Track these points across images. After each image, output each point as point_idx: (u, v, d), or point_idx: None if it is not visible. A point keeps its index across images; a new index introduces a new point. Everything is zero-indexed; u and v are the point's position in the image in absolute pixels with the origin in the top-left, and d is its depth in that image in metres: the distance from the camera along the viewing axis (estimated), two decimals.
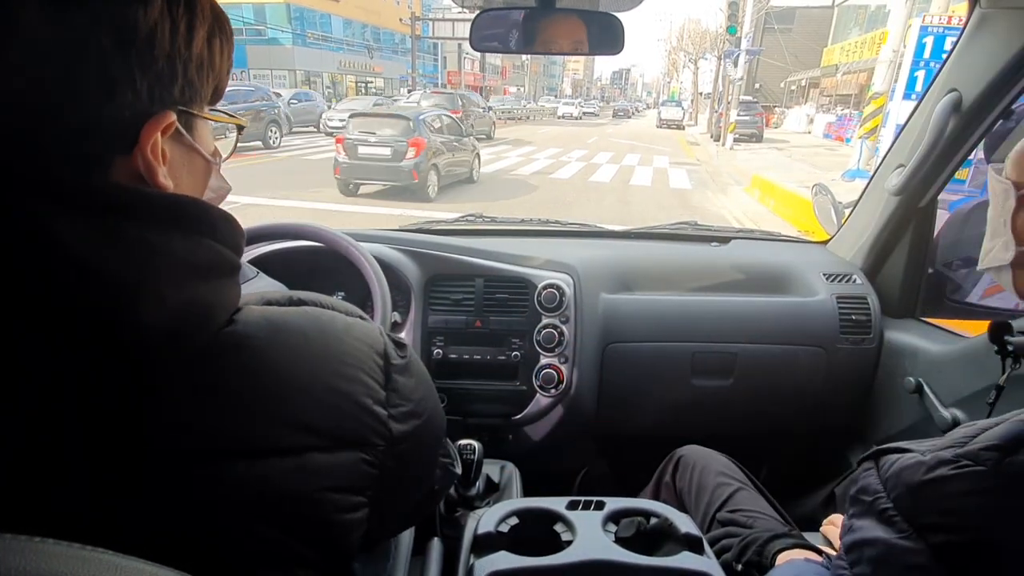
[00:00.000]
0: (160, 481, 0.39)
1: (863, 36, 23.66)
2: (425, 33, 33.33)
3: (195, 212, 0.43)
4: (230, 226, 0.46)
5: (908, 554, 0.56)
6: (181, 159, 0.45)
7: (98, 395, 0.37)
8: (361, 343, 0.49)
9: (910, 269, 1.54)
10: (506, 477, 1.39)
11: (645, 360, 1.58)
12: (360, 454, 0.46)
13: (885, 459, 0.63)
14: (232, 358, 0.43)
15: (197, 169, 0.48)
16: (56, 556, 0.28)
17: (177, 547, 0.38)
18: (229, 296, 0.45)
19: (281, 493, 0.42)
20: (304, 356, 0.45)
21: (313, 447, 0.43)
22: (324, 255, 1.26)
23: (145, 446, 0.39)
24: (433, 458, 0.61)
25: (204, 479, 0.40)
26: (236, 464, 0.41)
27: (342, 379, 0.46)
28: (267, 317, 0.46)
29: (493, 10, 1.21)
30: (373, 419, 0.47)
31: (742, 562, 0.97)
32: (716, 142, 19.31)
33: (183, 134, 0.44)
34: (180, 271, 0.41)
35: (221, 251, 0.44)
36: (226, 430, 0.41)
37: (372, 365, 0.49)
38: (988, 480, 0.54)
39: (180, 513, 0.39)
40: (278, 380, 0.44)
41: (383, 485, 0.48)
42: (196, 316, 0.41)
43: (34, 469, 0.35)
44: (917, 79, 8.28)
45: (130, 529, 0.37)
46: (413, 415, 0.51)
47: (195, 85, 0.43)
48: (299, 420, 0.43)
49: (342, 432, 0.45)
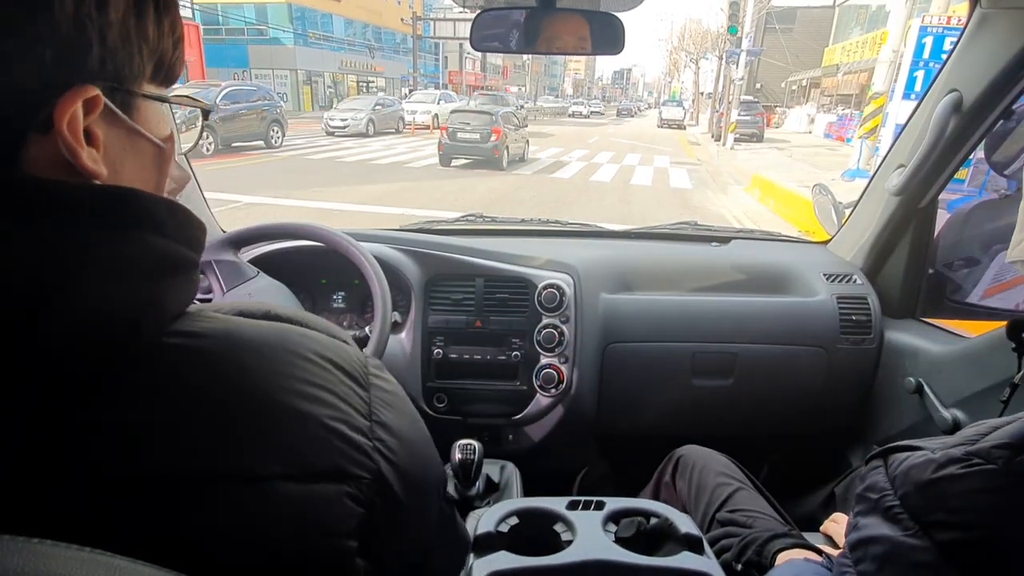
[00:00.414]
0: (91, 513, 0.34)
1: (864, 36, 23.66)
2: (426, 33, 33.36)
3: (134, 204, 0.38)
4: (180, 218, 0.42)
5: (914, 552, 0.56)
6: (120, 143, 0.40)
7: (16, 407, 0.34)
8: (333, 366, 0.44)
9: (910, 269, 1.54)
10: (506, 477, 1.39)
11: (645, 360, 1.58)
12: (343, 487, 0.41)
13: (894, 457, 0.63)
14: (176, 367, 0.39)
15: (144, 155, 0.43)
16: (55, 557, 0.28)
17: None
18: (178, 296, 0.41)
19: (245, 524, 0.37)
20: (262, 372, 0.41)
21: (278, 475, 0.38)
22: (325, 255, 1.27)
23: (66, 472, 0.34)
24: (430, 511, 0.53)
25: (131, 507, 0.35)
26: (175, 490, 0.36)
27: (304, 399, 0.41)
28: (225, 327, 0.42)
29: (494, 10, 1.21)
30: (350, 446, 0.42)
31: (742, 562, 0.97)
32: (717, 142, 19.31)
33: (118, 114, 0.39)
34: (111, 271, 0.37)
35: (168, 246, 0.40)
36: (164, 450, 0.36)
37: (346, 390, 0.44)
38: (999, 478, 0.53)
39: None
40: (231, 395, 0.39)
41: (374, 530, 0.42)
42: (129, 320, 0.37)
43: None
44: (916, 79, 8.32)
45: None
46: (404, 453, 0.46)
47: (121, 57, 0.38)
48: (256, 441, 0.39)
49: (312, 459, 0.40)
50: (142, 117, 0.41)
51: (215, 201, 7.76)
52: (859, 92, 22.87)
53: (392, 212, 7.85)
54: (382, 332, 1.18)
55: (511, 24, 1.21)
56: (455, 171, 11.85)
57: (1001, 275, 1.44)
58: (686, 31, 42.91)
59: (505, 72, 59.30)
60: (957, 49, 1.28)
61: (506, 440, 1.61)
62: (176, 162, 0.47)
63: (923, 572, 0.56)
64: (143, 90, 0.41)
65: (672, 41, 48.82)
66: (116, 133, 0.40)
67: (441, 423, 1.56)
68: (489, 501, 1.30)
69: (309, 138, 16.79)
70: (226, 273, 1.16)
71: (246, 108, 13.28)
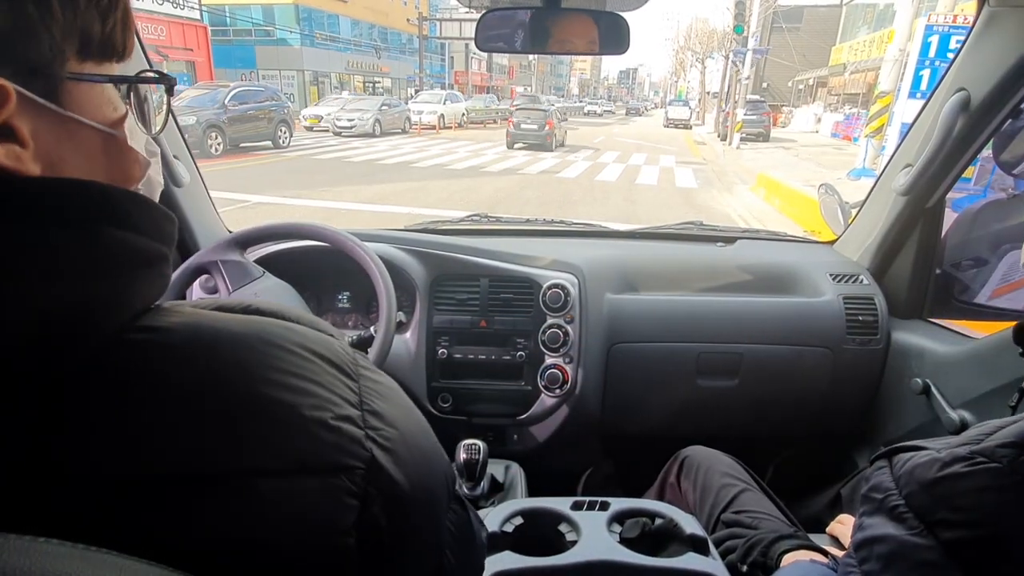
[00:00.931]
0: (48, 519, 0.32)
1: (871, 35, 23.55)
2: (432, 33, 33.41)
3: (82, 197, 0.36)
4: (144, 209, 0.39)
5: (919, 551, 0.56)
6: (54, 134, 0.36)
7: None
8: (317, 357, 0.42)
9: (917, 269, 1.53)
10: (511, 477, 1.39)
11: (650, 360, 1.58)
12: (333, 479, 0.38)
13: (899, 457, 0.63)
14: (138, 364, 0.36)
15: (88, 144, 0.39)
16: (59, 556, 0.28)
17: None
18: (145, 291, 0.39)
19: (230, 525, 0.35)
20: (236, 364, 0.38)
21: (257, 471, 0.36)
22: (330, 255, 1.27)
23: (22, 477, 0.32)
24: (438, 507, 0.49)
25: (94, 513, 0.33)
26: (138, 494, 0.34)
27: (285, 390, 0.38)
28: (193, 320, 0.39)
29: (498, 10, 1.21)
30: (338, 436, 0.39)
31: (747, 563, 0.97)
32: (723, 141, 19.28)
33: (41, 103, 0.35)
34: (52, 270, 0.34)
35: (129, 239, 0.37)
36: (126, 452, 0.34)
37: (332, 380, 0.41)
38: (1003, 477, 0.54)
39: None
40: (201, 390, 0.36)
41: (373, 524, 0.39)
42: (82, 320, 0.35)
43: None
44: (922, 78, 8.40)
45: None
46: (401, 441, 0.42)
47: (30, 36, 0.34)
48: (230, 437, 0.36)
49: (295, 452, 0.37)
50: (77, 102, 0.38)
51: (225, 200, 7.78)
52: (866, 91, 22.75)
53: (399, 211, 7.88)
54: (387, 332, 1.18)
55: (516, 24, 1.21)
56: (462, 171, 12.13)
57: (1009, 275, 1.43)
58: (692, 30, 42.80)
59: (511, 72, 59.33)
60: (965, 48, 1.27)
61: (511, 440, 1.61)
62: (139, 145, 0.44)
63: (927, 571, 0.56)
64: (68, 72, 0.37)
65: (678, 40, 48.66)
66: (46, 124, 0.36)
67: (446, 423, 1.56)
68: (494, 501, 1.30)
69: (316, 138, 16.87)
70: (232, 273, 1.16)
71: (254, 109, 13.38)
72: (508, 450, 1.57)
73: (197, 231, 1.52)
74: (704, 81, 39.80)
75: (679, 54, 49.55)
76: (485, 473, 1.28)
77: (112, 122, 0.40)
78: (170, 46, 19.12)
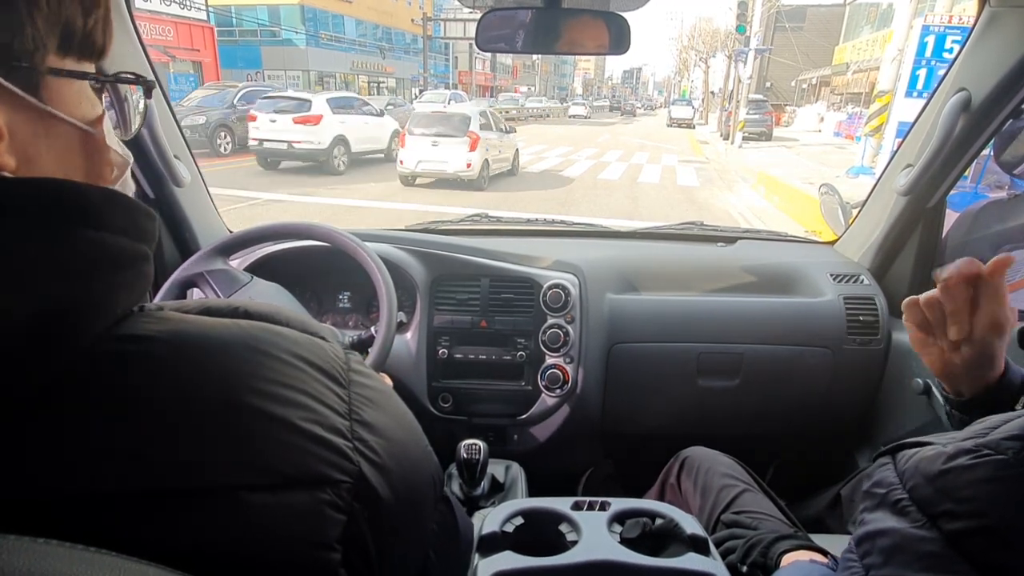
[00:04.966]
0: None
1: (874, 34, 23.52)
2: (437, 33, 33.47)
3: (55, 196, 0.34)
4: (121, 208, 0.37)
5: (921, 543, 0.56)
6: (31, 128, 0.36)
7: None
8: (307, 364, 0.41)
9: (918, 270, 1.52)
10: (511, 477, 1.39)
11: (651, 360, 1.58)
12: (319, 493, 0.37)
13: (903, 453, 0.63)
14: (117, 376, 0.35)
15: (65, 141, 0.38)
16: (59, 556, 0.28)
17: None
18: (124, 293, 0.37)
19: (217, 539, 0.34)
20: (221, 375, 0.37)
21: (244, 485, 0.35)
22: (330, 255, 1.27)
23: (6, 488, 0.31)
24: (424, 514, 0.49)
25: (77, 530, 0.31)
26: (118, 505, 0.33)
27: (273, 401, 0.37)
28: (176, 327, 0.38)
29: (499, 10, 1.21)
30: (326, 449, 0.38)
31: (747, 563, 0.97)
32: (725, 140, 19.25)
33: (20, 95, 0.34)
34: (32, 273, 0.33)
35: (105, 240, 0.36)
36: (104, 468, 0.33)
37: (321, 389, 0.40)
38: (1009, 468, 0.54)
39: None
40: (184, 403, 0.35)
41: (359, 537, 0.39)
42: (53, 325, 0.33)
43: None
44: (919, 77, 8.56)
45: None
46: (389, 453, 0.42)
47: (14, 24, 0.33)
48: (215, 451, 0.35)
49: (282, 466, 0.36)
50: (56, 97, 0.37)
51: (235, 198, 7.85)
52: (869, 90, 22.63)
53: (406, 208, 7.91)
54: (388, 332, 1.18)
55: (517, 24, 1.21)
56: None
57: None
58: (696, 30, 42.77)
59: (515, 72, 59.33)
60: (966, 48, 1.27)
61: (511, 440, 1.61)
62: (116, 145, 0.43)
63: (929, 562, 0.56)
64: (49, 65, 0.36)
65: (682, 40, 48.69)
66: (23, 117, 0.35)
67: (446, 423, 1.56)
68: (494, 501, 1.30)
69: None
70: (220, 282, 1.15)
71: None
72: (508, 450, 1.57)
73: (198, 231, 1.53)
74: (707, 80, 39.72)
75: (683, 53, 49.56)
76: (485, 473, 1.28)
77: (90, 120, 0.40)
78: (177, 46, 19.17)
